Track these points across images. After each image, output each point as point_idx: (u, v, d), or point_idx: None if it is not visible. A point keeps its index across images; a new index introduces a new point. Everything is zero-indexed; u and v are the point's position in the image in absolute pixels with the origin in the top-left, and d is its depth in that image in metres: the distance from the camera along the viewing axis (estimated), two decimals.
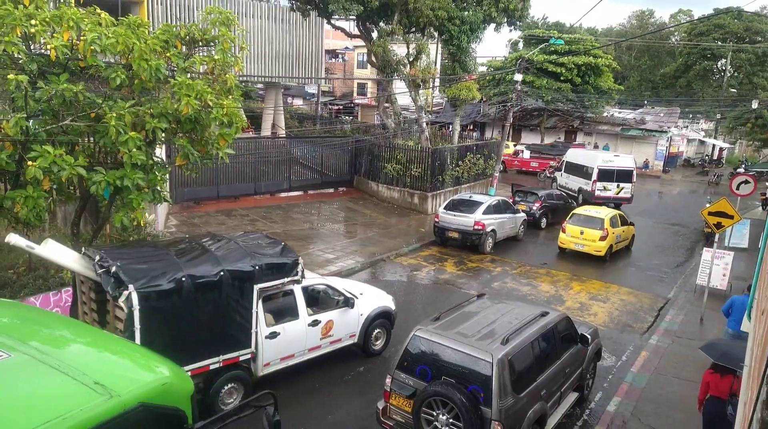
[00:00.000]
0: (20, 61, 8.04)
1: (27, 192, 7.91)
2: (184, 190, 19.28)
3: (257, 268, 7.94)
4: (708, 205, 12.93)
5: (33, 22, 7.88)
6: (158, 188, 9.62)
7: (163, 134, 9.14)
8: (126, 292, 6.77)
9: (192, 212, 18.98)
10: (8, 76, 7.49)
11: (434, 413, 6.51)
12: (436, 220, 18.01)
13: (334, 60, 56.41)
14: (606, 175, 24.78)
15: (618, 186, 24.92)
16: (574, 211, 18.57)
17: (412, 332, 7.17)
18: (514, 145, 38.27)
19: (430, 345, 6.93)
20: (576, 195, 26.00)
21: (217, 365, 7.65)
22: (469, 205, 17.52)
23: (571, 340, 8.28)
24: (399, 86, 26.58)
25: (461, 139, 28.46)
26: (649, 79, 63.00)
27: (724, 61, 53.39)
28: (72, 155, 8.04)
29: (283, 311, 8.64)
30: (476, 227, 16.99)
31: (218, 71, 9.72)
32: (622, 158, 26.13)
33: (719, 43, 51.51)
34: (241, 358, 7.93)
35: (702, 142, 53.46)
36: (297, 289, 8.72)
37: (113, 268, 6.99)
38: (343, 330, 9.46)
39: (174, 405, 3.34)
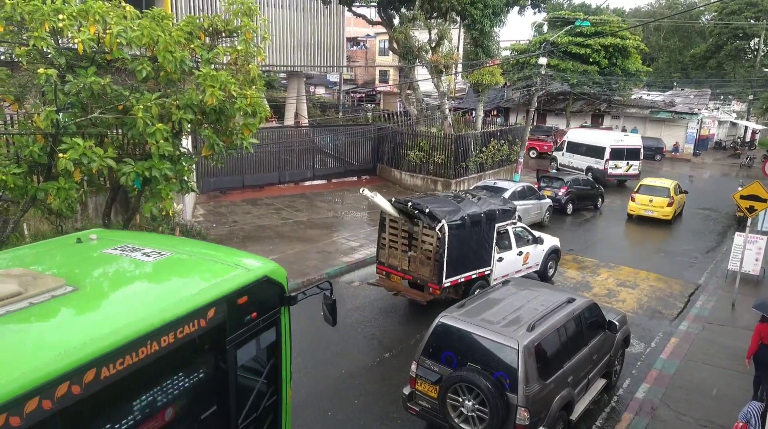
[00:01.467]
0: (49, 56, 8.20)
1: (59, 184, 8.11)
2: (210, 180, 19.54)
3: (497, 211, 11.73)
4: (740, 189, 12.60)
5: (60, 16, 8.02)
6: (185, 178, 9.78)
7: (189, 125, 9.26)
8: (440, 224, 10.51)
9: (218, 202, 19.23)
10: (38, 71, 7.66)
11: (460, 399, 6.53)
12: None
13: (355, 48, 56.20)
14: (617, 154, 26.47)
15: (627, 163, 26.71)
16: (641, 183, 21.26)
17: (437, 319, 7.18)
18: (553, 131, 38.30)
19: (456, 332, 6.94)
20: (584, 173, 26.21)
21: (475, 275, 11.40)
22: (493, 192, 17.37)
23: (599, 327, 8.19)
24: (421, 73, 26.41)
25: (485, 125, 28.19)
26: (679, 60, 61.28)
27: (756, 40, 51.59)
28: (101, 147, 8.20)
29: (503, 244, 12.21)
30: None
31: (241, 62, 9.78)
32: (631, 137, 28.21)
33: (752, 21, 49.78)
34: (486, 273, 11.64)
35: (734, 124, 51.96)
36: (510, 229, 12.37)
37: (427, 209, 10.75)
38: (533, 260, 13.07)
39: (279, 281, 5.15)
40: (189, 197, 15.81)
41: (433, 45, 24.00)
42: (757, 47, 52.20)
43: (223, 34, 10.17)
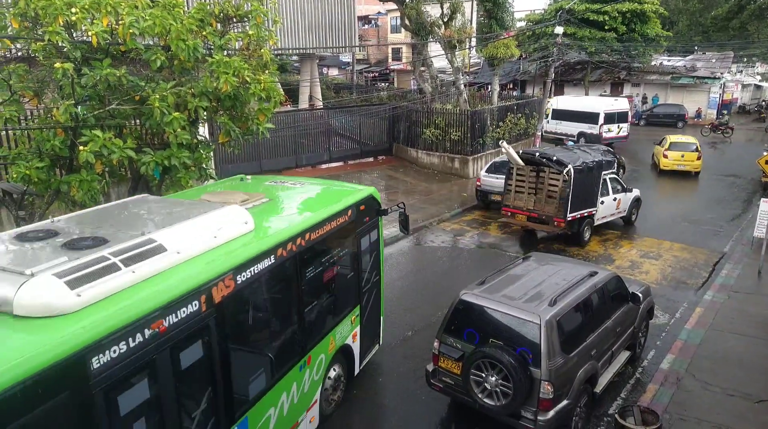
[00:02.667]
0: (64, 50, 8.28)
1: (81, 176, 8.27)
2: (229, 166, 19.68)
3: (604, 161, 14.51)
4: (765, 154, 12.30)
5: (73, 10, 8.08)
6: (204, 166, 9.89)
7: (205, 113, 9.34)
8: (567, 168, 13.40)
9: None
10: (55, 65, 7.76)
11: (483, 375, 6.58)
12: (478, 183, 17.81)
13: (366, 26, 55.60)
14: (609, 118, 28.14)
15: (618, 127, 28.49)
16: (671, 141, 23.07)
17: (458, 296, 7.22)
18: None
19: (477, 308, 6.96)
20: (575, 139, 27.66)
21: (585, 214, 13.98)
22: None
23: (622, 299, 8.15)
24: (434, 49, 26.04)
25: (501, 98, 27.82)
26: (699, 22, 59.30)
27: None
28: (121, 138, 8.32)
29: (604, 189, 14.55)
30: None
31: (253, 47, 9.78)
32: (620, 102, 30.06)
33: None
34: (592, 213, 14.21)
35: (758, 87, 50.47)
36: (608, 178, 14.76)
37: (555, 157, 13.73)
38: (623, 205, 15.48)
39: (377, 198, 8.02)
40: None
41: (445, 19, 23.62)
42: None
43: (234, 20, 10.16)
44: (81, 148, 7.78)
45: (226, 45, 9.44)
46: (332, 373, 7.40)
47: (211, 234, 5.25)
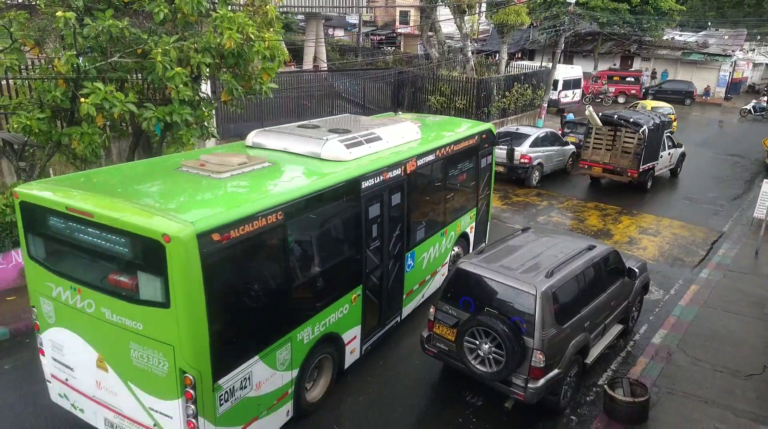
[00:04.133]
0: None
1: (82, 128, 8.20)
2: (230, 126, 19.51)
3: (666, 122, 17.69)
4: None
5: None
6: (206, 124, 9.81)
7: (208, 69, 9.20)
8: (642, 128, 16.11)
9: None
10: (57, 14, 7.61)
11: (477, 342, 6.68)
12: None
13: None
14: (567, 84, 30.58)
15: (573, 92, 31.34)
16: (652, 105, 25.04)
17: (456, 264, 7.26)
18: (597, 74, 38.91)
19: (474, 277, 7.01)
20: None
21: (650, 166, 16.89)
22: (515, 138, 17.09)
23: (618, 274, 8.21)
24: (443, 13, 25.55)
25: (508, 67, 27.40)
26: None
27: None
28: (122, 92, 8.22)
29: (662, 146, 17.52)
30: (522, 160, 16.65)
31: (258, 3, 9.58)
32: (575, 70, 32.73)
33: None
34: (654, 165, 17.14)
35: None
36: (665, 137, 17.53)
37: (632, 119, 16.47)
38: (673, 159, 18.63)
39: (493, 131, 10.83)
40: (210, 143, 15.87)
41: None
42: None
43: None
44: (82, 100, 7.70)
45: (230, 0, 9.24)
46: (455, 250, 10.33)
47: (400, 135, 8.55)
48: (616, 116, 16.87)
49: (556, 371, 6.67)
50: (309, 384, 6.86)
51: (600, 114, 17.10)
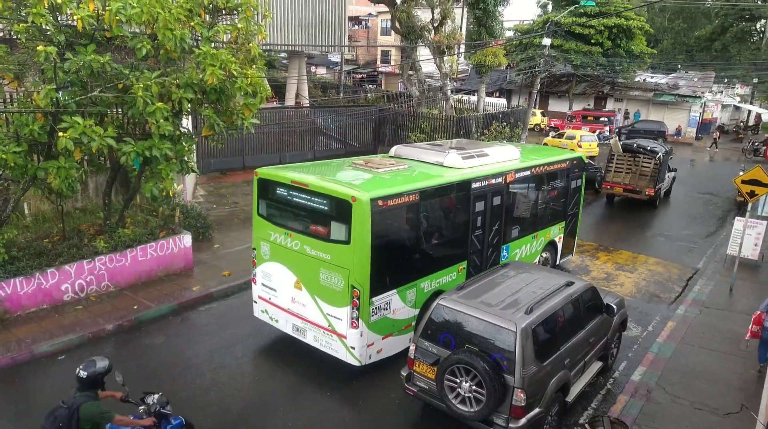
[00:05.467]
0: (48, 33, 8.14)
1: (59, 163, 8.11)
2: (211, 160, 19.51)
3: (667, 151, 21.08)
4: (741, 173, 12.58)
5: None
6: (186, 159, 9.77)
7: (189, 105, 9.23)
8: (658, 155, 19.70)
9: (219, 182, 19.22)
10: (37, 48, 7.61)
11: (457, 380, 6.60)
12: None
13: (357, 27, 55.58)
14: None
15: None
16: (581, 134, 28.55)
17: (436, 301, 7.23)
18: (572, 113, 39.37)
19: (454, 314, 6.98)
20: None
21: (660, 186, 19.89)
22: None
23: (597, 310, 8.25)
24: (423, 53, 26.18)
25: (487, 107, 28.01)
26: (684, 41, 60.61)
27: (763, 21, 51.07)
28: (101, 126, 8.18)
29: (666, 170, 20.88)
30: None
31: (242, 40, 9.71)
32: (500, 101, 34.99)
33: (759, 2, 49.13)
34: (661, 186, 20.10)
35: (737, 108, 51.60)
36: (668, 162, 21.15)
37: (649, 148, 20.06)
38: (668, 181, 21.34)
39: (583, 160, 13.27)
40: (189, 178, 15.79)
41: (435, 24, 23.75)
42: (763, 29, 51.73)
43: (224, 12, 10.08)
44: (60, 134, 7.64)
45: (214, 37, 9.35)
46: (543, 255, 12.40)
47: (503, 154, 11.09)
48: (635, 145, 20.47)
49: (537, 410, 6.60)
50: None
51: (621, 143, 20.87)
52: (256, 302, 9.31)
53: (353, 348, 7.99)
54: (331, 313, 8.10)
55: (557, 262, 12.98)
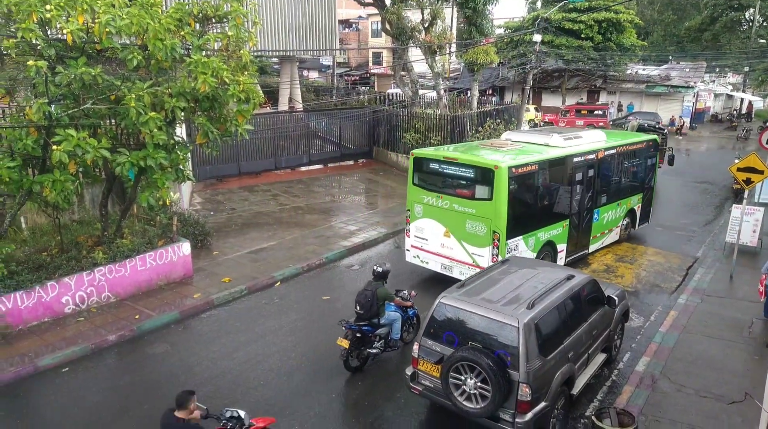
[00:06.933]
0: (38, 47, 8.12)
1: (54, 176, 8.09)
2: (206, 168, 19.49)
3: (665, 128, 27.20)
4: (737, 161, 12.60)
5: (48, 7, 7.93)
6: (181, 167, 9.75)
7: (182, 113, 9.22)
8: (664, 131, 24.05)
9: (215, 189, 19.21)
10: (28, 63, 7.60)
11: (462, 378, 6.59)
12: None
13: (347, 30, 55.67)
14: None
15: None
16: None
17: (438, 299, 7.23)
18: (566, 107, 39.39)
19: (456, 312, 6.98)
20: None
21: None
22: None
23: (598, 303, 8.25)
24: (415, 54, 26.20)
25: (480, 104, 28.04)
26: (674, 33, 60.72)
27: (752, 10, 51.19)
28: (95, 138, 8.17)
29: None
30: None
31: (233, 47, 9.71)
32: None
33: None
34: None
35: (730, 97, 51.76)
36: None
37: (656, 125, 27.64)
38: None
39: (658, 141, 16.01)
40: (185, 186, 15.77)
41: (426, 25, 23.78)
42: (752, 18, 51.84)
43: (213, 20, 10.08)
44: (54, 147, 7.63)
45: (204, 45, 9.35)
46: (624, 221, 14.84)
47: (594, 136, 13.58)
48: (646, 124, 24.39)
49: (543, 404, 6.60)
50: None
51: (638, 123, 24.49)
52: (408, 250, 12.36)
53: None
54: (475, 252, 10.97)
55: (636, 228, 15.57)
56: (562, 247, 12.42)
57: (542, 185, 11.70)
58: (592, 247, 13.68)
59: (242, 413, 5.87)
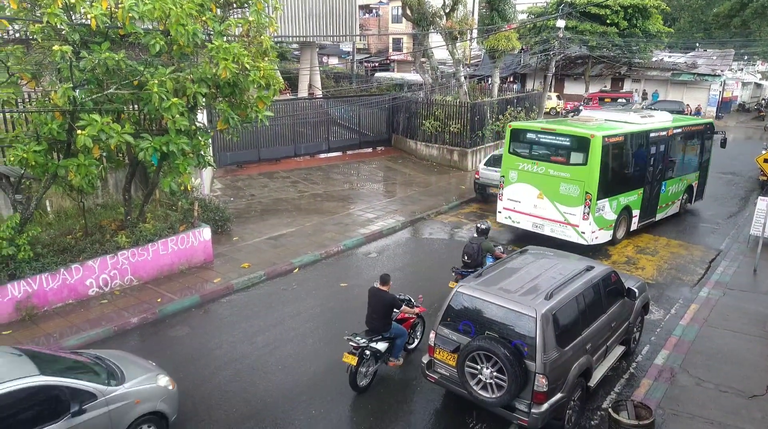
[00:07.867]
0: (63, 32, 8.21)
1: (79, 160, 8.23)
2: (227, 154, 19.62)
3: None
4: (763, 152, 12.32)
5: None
6: (202, 153, 9.85)
7: (204, 99, 9.27)
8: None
9: (235, 176, 19.36)
10: (53, 48, 7.69)
11: (478, 367, 6.60)
12: (477, 176, 17.81)
13: (367, 15, 55.27)
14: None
15: None
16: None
17: (455, 288, 7.22)
18: (588, 95, 38.76)
19: (473, 301, 6.97)
20: None
21: None
22: None
23: (618, 294, 8.17)
24: (435, 40, 25.92)
25: (501, 91, 27.73)
26: (701, 19, 59.09)
27: None
28: (119, 123, 8.27)
29: None
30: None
31: (253, 33, 9.71)
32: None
33: None
34: None
35: (758, 86, 50.43)
36: None
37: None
38: None
39: (713, 125, 17.79)
40: (206, 172, 15.92)
41: (447, 10, 23.50)
42: None
43: (235, 5, 10.10)
44: (79, 132, 7.74)
45: (225, 31, 9.37)
46: (684, 196, 16.41)
47: (663, 117, 15.49)
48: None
49: (559, 395, 6.59)
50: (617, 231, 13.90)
51: None
52: (500, 212, 14.07)
53: (583, 232, 12.66)
54: (568, 211, 12.78)
55: (692, 202, 17.07)
56: (636, 213, 14.11)
57: (625, 155, 13.41)
58: (658, 216, 15.26)
59: (411, 298, 8.65)
